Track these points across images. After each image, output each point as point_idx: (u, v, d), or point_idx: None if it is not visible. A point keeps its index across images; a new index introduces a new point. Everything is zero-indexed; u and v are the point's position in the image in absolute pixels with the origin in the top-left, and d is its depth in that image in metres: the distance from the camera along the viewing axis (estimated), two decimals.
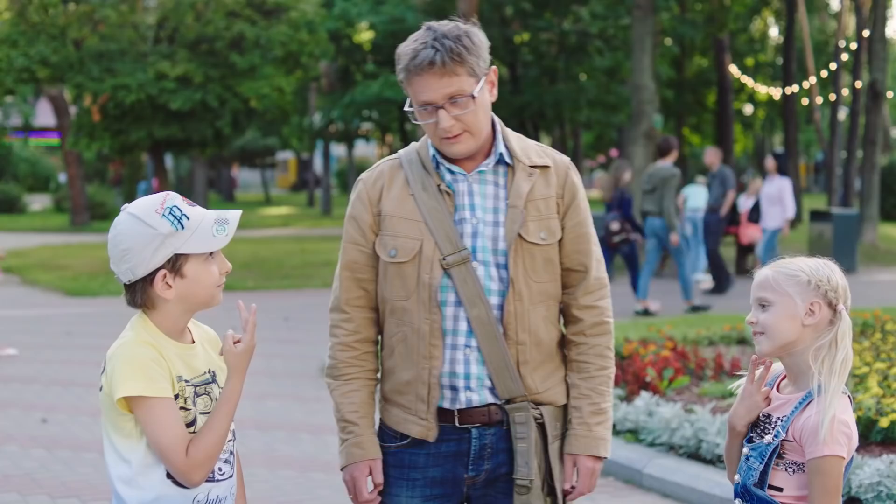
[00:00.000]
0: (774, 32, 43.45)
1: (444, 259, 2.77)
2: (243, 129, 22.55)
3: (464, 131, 2.76)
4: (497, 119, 2.92)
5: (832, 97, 31.26)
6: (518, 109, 27.68)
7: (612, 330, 2.96)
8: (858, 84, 26.88)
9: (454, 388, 2.81)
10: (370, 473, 2.87)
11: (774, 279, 2.74)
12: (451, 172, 2.85)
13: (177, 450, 2.50)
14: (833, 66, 31.23)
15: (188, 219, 2.56)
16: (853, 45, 28.72)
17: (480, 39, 2.78)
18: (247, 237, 25.58)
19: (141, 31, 20.48)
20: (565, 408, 2.91)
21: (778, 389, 2.80)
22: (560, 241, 2.88)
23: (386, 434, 2.91)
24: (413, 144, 2.95)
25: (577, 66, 28.56)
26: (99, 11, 19.55)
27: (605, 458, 2.89)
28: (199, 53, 20.04)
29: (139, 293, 2.57)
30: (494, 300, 2.80)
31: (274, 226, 32.46)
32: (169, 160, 33.72)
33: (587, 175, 57.65)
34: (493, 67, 2.83)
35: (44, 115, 45.65)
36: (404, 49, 2.76)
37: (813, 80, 30.03)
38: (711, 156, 16.06)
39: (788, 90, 30.20)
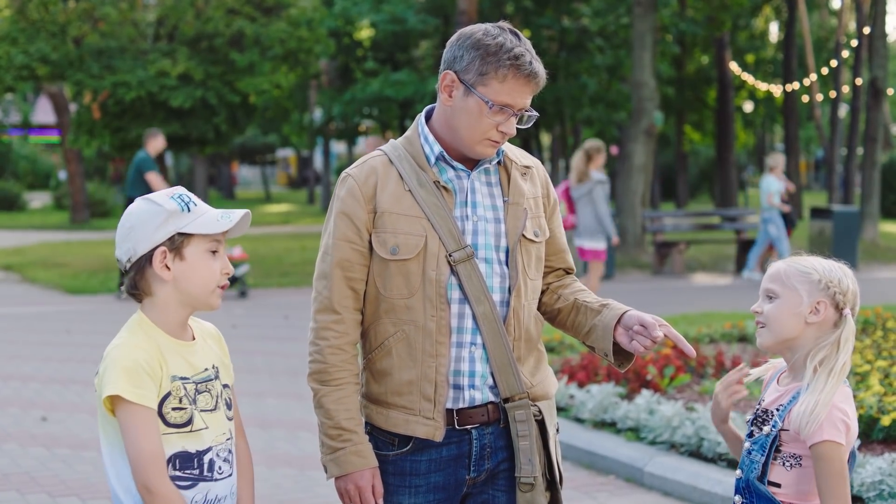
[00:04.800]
0: (775, 29, 43.42)
1: (449, 255, 2.76)
2: (242, 127, 22.49)
3: None
4: None
5: (832, 94, 31.24)
6: None
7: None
8: (859, 81, 26.85)
9: (458, 387, 2.79)
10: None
11: (786, 272, 2.74)
12: (454, 169, 2.84)
13: (143, 464, 2.46)
14: (833, 63, 31.21)
15: (196, 205, 2.58)
16: (854, 42, 28.67)
17: None
18: (246, 234, 25.48)
19: (141, 28, 20.45)
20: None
21: (778, 382, 2.81)
22: (547, 241, 2.96)
23: (380, 441, 2.84)
24: (394, 141, 2.92)
25: (578, 63, 28.51)
26: (99, 9, 19.50)
27: None
28: (199, 51, 20.01)
29: (136, 275, 2.55)
30: (496, 297, 2.80)
31: (274, 223, 32.41)
32: (169, 157, 33.62)
33: None
34: None
35: (43, 112, 45.57)
36: (496, 39, 2.70)
37: (813, 77, 30.02)
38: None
39: (789, 87, 30.18)
